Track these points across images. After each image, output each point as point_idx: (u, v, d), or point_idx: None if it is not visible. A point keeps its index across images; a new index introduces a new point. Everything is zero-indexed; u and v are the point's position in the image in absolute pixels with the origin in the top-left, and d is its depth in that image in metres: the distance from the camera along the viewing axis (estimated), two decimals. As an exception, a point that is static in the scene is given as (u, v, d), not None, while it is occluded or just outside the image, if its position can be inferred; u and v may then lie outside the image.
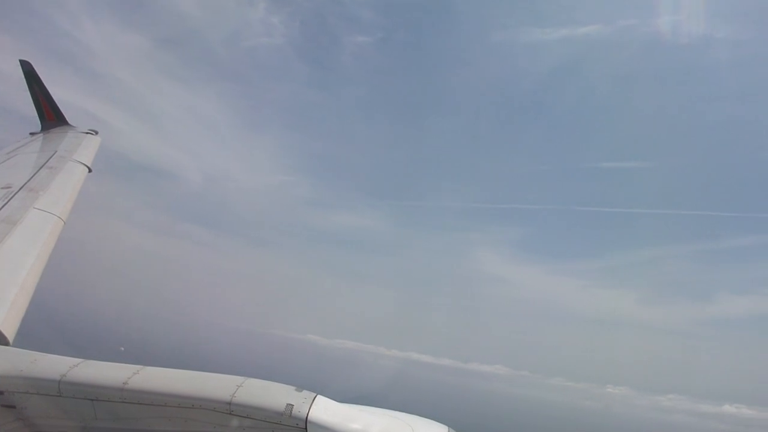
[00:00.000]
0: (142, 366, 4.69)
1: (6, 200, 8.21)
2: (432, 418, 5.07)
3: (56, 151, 11.26)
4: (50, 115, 13.48)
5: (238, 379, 4.51)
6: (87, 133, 13.18)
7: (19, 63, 13.19)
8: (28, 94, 13.45)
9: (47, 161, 10.53)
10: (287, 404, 4.27)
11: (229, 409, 4.29)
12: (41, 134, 13.04)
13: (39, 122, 13.55)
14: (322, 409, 4.35)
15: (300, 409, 4.26)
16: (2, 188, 8.63)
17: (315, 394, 4.46)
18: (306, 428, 4.23)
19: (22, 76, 13.23)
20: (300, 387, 4.50)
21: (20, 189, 8.73)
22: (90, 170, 11.04)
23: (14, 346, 5.65)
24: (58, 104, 13.68)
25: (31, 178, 9.39)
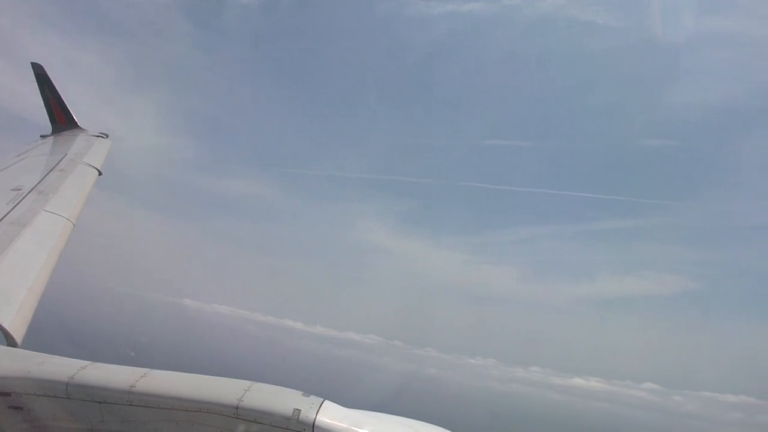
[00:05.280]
0: (149, 369, 4.68)
1: (16, 202, 8.27)
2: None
3: (66, 154, 11.35)
4: (61, 119, 13.60)
5: (246, 383, 4.49)
6: (98, 136, 13.30)
7: (30, 66, 13.34)
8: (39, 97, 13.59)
9: (57, 164, 10.61)
10: (294, 409, 4.25)
11: (236, 413, 4.27)
12: (52, 137, 13.15)
13: (50, 125, 13.69)
14: (330, 414, 4.33)
15: (307, 414, 4.23)
16: (12, 190, 8.70)
17: (322, 399, 4.44)
18: None
19: (34, 78, 13.37)
20: (307, 392, 4.48)
21: (30, 191, 8.79)
22: (100, 173, 11.13)
23: (23, 347, 5.67)
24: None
25: (42, 180, 9.46)
